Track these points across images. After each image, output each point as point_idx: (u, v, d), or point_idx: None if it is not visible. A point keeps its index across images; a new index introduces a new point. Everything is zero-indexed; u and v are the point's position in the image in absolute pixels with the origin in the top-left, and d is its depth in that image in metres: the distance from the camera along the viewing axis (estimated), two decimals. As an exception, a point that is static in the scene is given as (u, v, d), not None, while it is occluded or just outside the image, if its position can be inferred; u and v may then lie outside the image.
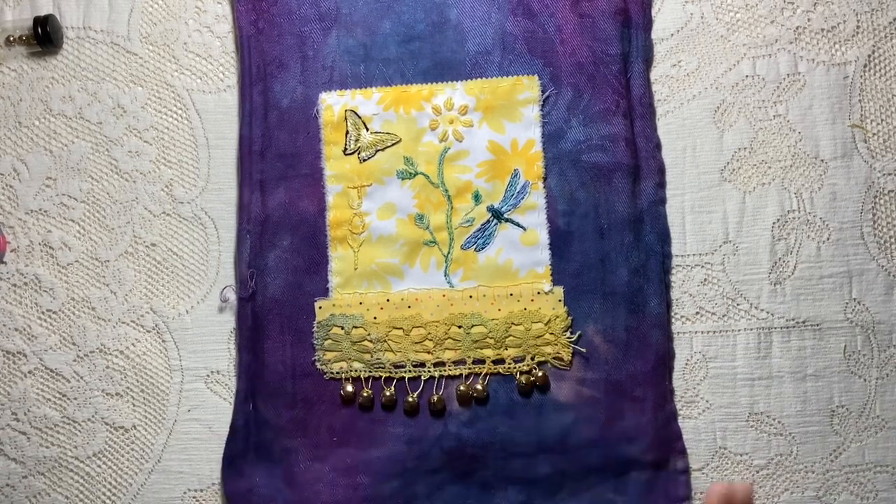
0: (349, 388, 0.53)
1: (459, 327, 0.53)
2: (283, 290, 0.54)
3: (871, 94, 0.56)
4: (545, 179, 0.54)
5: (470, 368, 0.53)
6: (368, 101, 0.54)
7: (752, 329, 0.56)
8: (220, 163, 0.57)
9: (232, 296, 0.55)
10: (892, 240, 0.56)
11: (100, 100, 0.57)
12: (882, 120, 0.56)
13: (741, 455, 0.55)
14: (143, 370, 0.56)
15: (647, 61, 0.56)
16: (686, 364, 0.55)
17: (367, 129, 0.54)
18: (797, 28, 0.57)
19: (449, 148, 0.54)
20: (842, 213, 0.56)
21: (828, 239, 0.56)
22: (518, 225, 0.53)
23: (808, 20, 0.57)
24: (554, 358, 0.53)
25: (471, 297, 0.53)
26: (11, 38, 0.57)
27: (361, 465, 0.53)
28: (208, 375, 0.56)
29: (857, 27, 0.56)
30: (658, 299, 0.53)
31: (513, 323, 0.53)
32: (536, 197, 0.53)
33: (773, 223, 0.56)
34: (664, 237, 0.55)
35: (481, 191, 0.54)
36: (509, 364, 0.53)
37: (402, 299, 0.53)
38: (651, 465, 0.53)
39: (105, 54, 0.58)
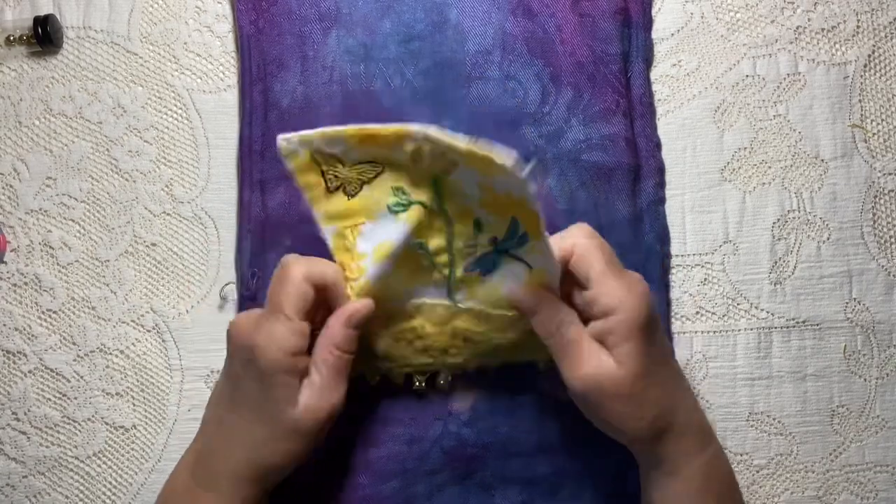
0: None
1: (465, 340, 0.49)
2: (283, 289, 0.54)
3: (871, 94, 0.56)
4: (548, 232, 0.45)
5: (476, 368, 0.51)
6: (333, 143, 0.45)
7: (752, 329, 0.56)
8: (220, 163, 0.57)
9: (232, 295, 0.55)
10: (892, 240, 0.56)
11: (100, 99, 0.57)
12: (882, 120, 0.56)
13: (741, 455, 0.55)
14: (143, 370, 0.56)
15: (647, 61, 0.56)
16: (686, 364, 0.55)
17: (343, 164, 0.46)
18: (797, 28, 0.57)
19: (439, 175, 0.46)
20: (842, 213, 0.56)
21: (828, 239, 0.56)
22: (524, 261, 0.46)
23: (808, 20, 0.57)
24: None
25: (476, 315, 0.49)
26: (11, 38, 0.57)
27: (361, 465, 0.53)
28: (208, 375, 0.56)
29: (857, 27, 0.56)
30: (658, 299, 0.53)
31: (522, 338, 0.49)
32: (540, 246, 0.45)
33: (773, 223, 0.56)
34: (664, 237, 0.55)
35: (483, 221, 0.46)
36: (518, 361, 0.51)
37: (404, 311, 0.49)
38: (651, 465, 0.53)
39: (105, 54, 0.58)
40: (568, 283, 0.46)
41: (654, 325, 0.45)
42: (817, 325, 0.56)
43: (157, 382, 0.56)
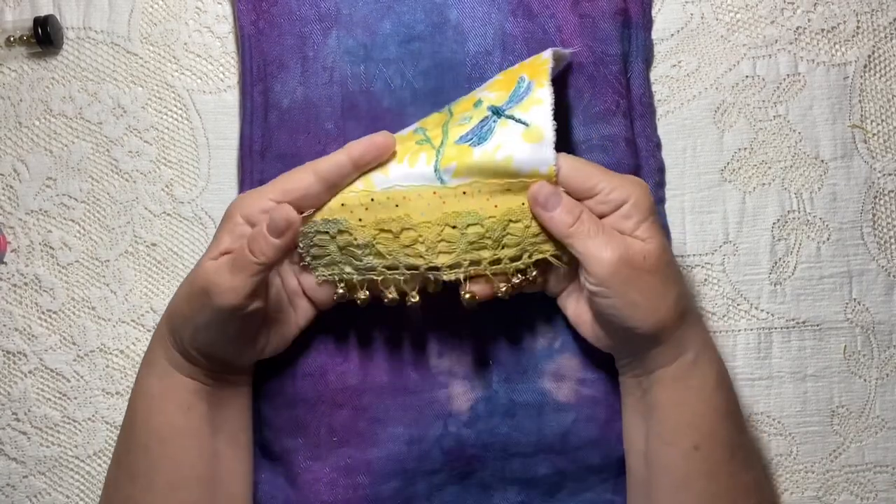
0: (340, 290, 0.49)
1: (454, 227, 0.47)
2: (282, 289, 0.54)
3: (871, 95, 0.56)
4: (552, 83, 0.48)
5: (466, 271, 0.48)
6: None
7: (752, 329, 0.56)
8: (220, 163, 0.57)
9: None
10: (892, 240, 0.56)
11: (100, 100, 0.57)
12: (882, 120, 0.56)
13: (741, 455, 0.55)
14: (143, 370, 0.56)
15: (647, 61, 0.56)
16: (686, 364, 0.55)
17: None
18: (797, 28, 0.57)
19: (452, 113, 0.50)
20: (842, 213, 0.56)
21: (828, 239, 0.56)
22: (520, 121, 0.47)
23: (808, 20, 0.57)
24: (552, 256, 0.49)
25: (465, 193, 0.47)
26: (11, 39, 0.57)
27: (361, 465, 0.53)
28: (208, 375, 0.56)
29: (857, 27, 0.56)
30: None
31: (511, 220, 0.48)
32: (541, 94, 0.47)
33: (773, 223, 0.56)
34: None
35: (485, 99, 0.49)
36: (505, 264, 0.48)
37: (388, 198, 0.47)
38: (651, 466, 0.53)
39: (105, 54, 0.58)
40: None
41: (656, 211, 0.47)
42: (817, 325, 0.56)
43: (158, 382, 0.56)
